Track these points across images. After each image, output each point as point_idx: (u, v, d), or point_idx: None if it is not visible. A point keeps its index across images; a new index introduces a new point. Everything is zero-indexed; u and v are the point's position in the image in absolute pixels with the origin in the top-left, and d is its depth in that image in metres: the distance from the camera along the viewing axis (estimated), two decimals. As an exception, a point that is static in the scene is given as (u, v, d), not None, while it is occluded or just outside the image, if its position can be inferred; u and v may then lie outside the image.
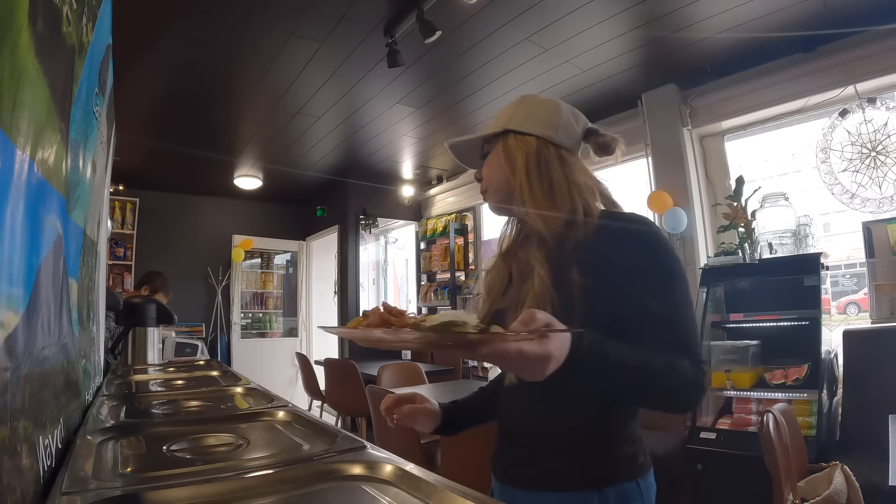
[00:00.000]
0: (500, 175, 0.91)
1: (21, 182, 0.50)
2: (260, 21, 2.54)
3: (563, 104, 0.94)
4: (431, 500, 0.61)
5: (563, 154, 0.89)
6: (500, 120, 0.93)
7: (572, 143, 0.92)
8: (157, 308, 2.27)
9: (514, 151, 0.89)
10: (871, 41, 2.53)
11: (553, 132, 0.89)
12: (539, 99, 0.94)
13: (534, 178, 0.86)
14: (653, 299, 0.76)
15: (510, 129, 0.90)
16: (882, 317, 2.40)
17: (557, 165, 0.88)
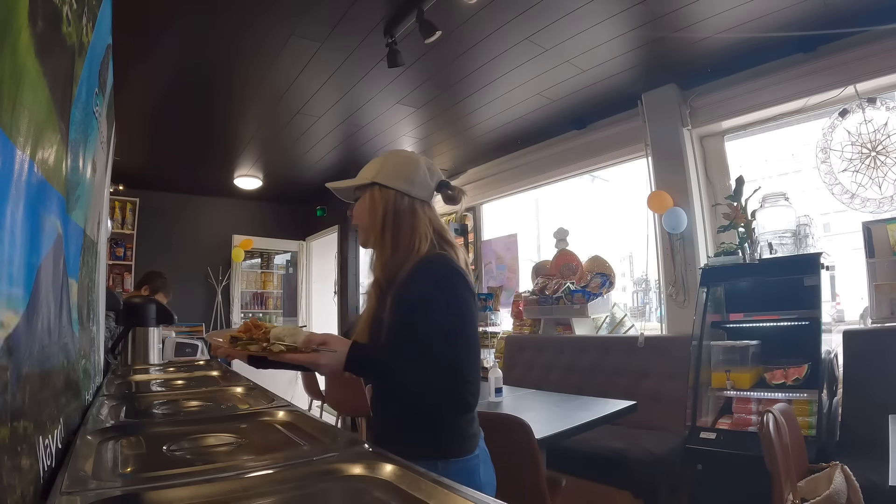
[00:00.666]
0: (366, 218, 1.14)
1: (21, 182, 0.50)
2: (260, 21, 2.54)
3: (423, 160, 1.17)
4: (431, 500, 0.61)
5: (416, 206, 1.13)
6: (369, 171, 1.15)
7: (426, 195, 1.16)
8: (157, 308, 2.27)
9: (378, 202, 1.12)
10: (871, 41, 2.53)
11: (410, 187, 1.13)
12: (402, 156, 1.18)
13: (387, 229, 1.11)
14: (427, 325, 1.01)
15: (377, 182, 1.13)
16: (882, 317, 2.40)
17: (409, 217, 1.12)
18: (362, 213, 1.15)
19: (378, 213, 1.11)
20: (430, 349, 1.00)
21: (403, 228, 1.11)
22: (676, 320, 3.22)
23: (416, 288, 1.04)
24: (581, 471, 2.56)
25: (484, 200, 5.07)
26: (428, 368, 0.99)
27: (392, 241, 1.11)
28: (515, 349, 3.96)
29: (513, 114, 3.75)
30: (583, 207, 4.52)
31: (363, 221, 1.15)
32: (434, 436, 1.05)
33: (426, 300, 1.02)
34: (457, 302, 1.03)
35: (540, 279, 4.04)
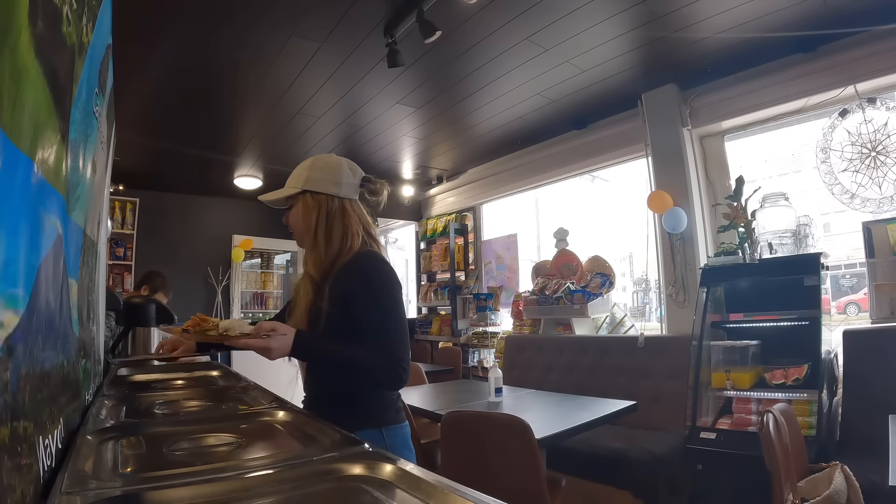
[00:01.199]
0: (300, 223, 1.25)
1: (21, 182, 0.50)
2: (260, 21, 2.54)
3: (344, 161, 1.27)
4: (431, 500, 0.61)
5: (346, 205, 1.24)
6: (298, 180, 1.25)
7: (352, 192, 1.27)
8: (157, 308, 2.27)
9: (311, 208, 1.23)
10: (871, 41, 2.53)
11: (338, 189, 1.24)
12: (325, 161, 1.26)
13: (321, 230, 1.22)
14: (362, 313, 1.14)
15: (307, 190, 1.24)
16: (882, 317, 2.40)
17: (340, 217, 1.23)
18: (297, 220, 1.27)
19: (311, 217, 1.23)
20: (366, 334, 1.14)
21: (335, 228, 1.22)
22: (676, 320, 3.22)
23: (354, 280, 1.17)
24: (581, 471, 2.56)
25: (484, 200, 5.07)
26: (366, 351, 1.13)
27: (325, 240, 1.22)
28: (515, 349, 3.96)
29: (513, 114, 3.75)
30: (583, 207, 4.52)
31: (298, 227, 1.27)
32: (374, 408, 1.19)
33: (362, 291, 1.16)
34: (388, 291, 1.18)
35: (540, 279, 4.04)
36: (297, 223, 1.26)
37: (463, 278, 5.07)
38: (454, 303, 4.92)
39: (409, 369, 1.16)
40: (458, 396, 2.66)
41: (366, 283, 1.17)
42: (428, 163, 4.98)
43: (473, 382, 3.62)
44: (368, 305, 1.15)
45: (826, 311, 2.45)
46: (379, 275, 1.19)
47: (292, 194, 1.26)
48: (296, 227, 1.27)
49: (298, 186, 1.24)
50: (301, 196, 1.25)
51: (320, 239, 1.22)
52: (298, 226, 1.26)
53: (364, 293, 1.15)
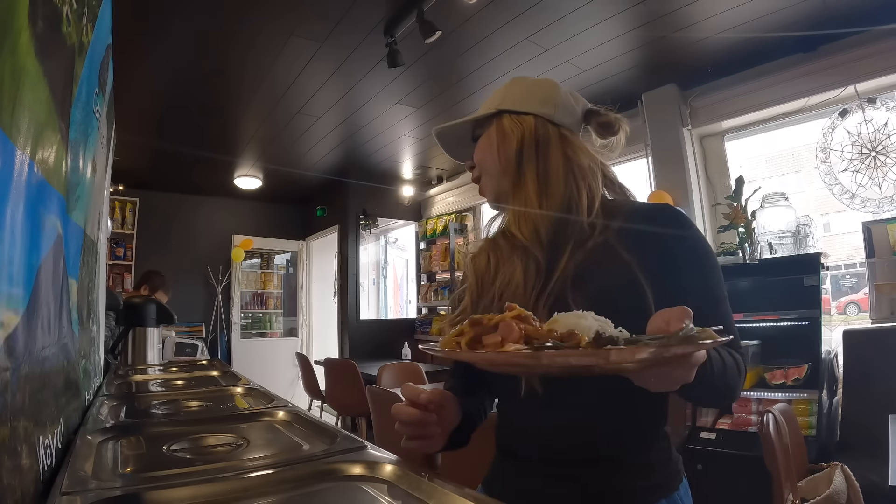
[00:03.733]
0: (492, 160, 0.82)
1: (21, 182, 0.50)
2: (260, 21, 2.54)
3: (561, 85, 0.85)
4: (431, 500, 0.61)
5: (565, 133, 0.81)
6: (492, 102, 0.85)
7: (572, 124, 0.83)
8: (157, 308, 2.27)
9: (510, 132, 0.80)
10: (871, 41, 2.53)
11: (551, 110, 0.81)
12: (535, 79, 0.86)
13: (528, 165, 0.79)
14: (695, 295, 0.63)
15: (504, 109, 0.82)
16: (882, 317, 2.40)
17: (558, 145, 0.79)
18: (487, 155, 0.83)
19: (513, 143, 0.80)
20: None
21: (553, 160, 0.78)
22: (676, 320, 3.21)
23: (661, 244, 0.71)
24: (581, 471, 2.56)
25: (484, 200, 5.04)
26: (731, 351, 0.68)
27: (540, 181, 0.78)
28: (515, 349, 3.95)
29: (513, 114, 3.74)
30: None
31: (490, 164, 0.83)
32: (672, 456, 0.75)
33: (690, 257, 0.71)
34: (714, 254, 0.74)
35: (540, 279, 4.03)
36: (487, 160, 0.83)
37: (463, 278, 5.06)
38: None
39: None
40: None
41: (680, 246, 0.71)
42: (428, 163, 4.98)
43: (473, 382, 3.61)
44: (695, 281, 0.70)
45: (826, 311, 2.46)
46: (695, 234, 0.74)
47: (484, 116, 0.84)
48: (485, 165, 0.84)
49: (493, 107, 0.84)
50: (495, 120, 0.83)
51: (528, 179, 0.78)
52: (490, 162, 0.83)
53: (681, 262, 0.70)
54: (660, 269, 0.69)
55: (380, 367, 3.51)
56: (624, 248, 0.71)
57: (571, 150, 0.79)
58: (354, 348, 5.12)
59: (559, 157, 0.79)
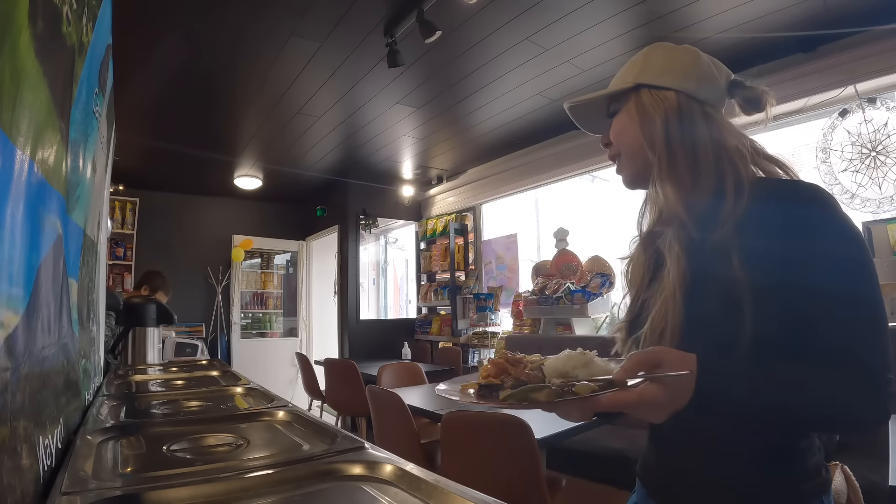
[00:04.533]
0: (633, 138, 0.77)
1: (21, 182, 0.50)
2: (260, 21, 2.54)
3: (702, 53, 0.78)
4: (431, 500, 0.61)
5: (709, 111, 0.75)
6: (628, 73, 0.79)
7: (716, 99, 0.76)
8: (157, 308, 2.27)
9: (651, 110, 0.75)
10: (871, 41, 2.53)
11: (694, 85, 0.75)
12: (673, 47, 0.79)
13: (675, 144, 0.73)
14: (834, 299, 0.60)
15: (643, 84, 0.77)
16: (882, 317, 2.40)
17: (703, 125, 0.73)
18: (626, 133, 0.79)
19: (656, 122, 0.74)
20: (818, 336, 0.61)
21: (700, 140, 0.73)
22: (676, 320, 3.21)
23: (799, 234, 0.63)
24: (581, 471, 2.56)
25: (484, 200, 5.07)
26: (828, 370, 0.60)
27: (689, 161, 0.72)
28: (515, 349, 3.95)
29: (513, 114, 3.75)
30: (583, 207, 4.52)
31: (630, 144, 0.78)
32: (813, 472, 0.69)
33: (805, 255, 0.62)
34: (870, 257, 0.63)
35: (540, 279, 4.04)
36: (626, 138, 0.79)
37: (463, 278, 5.07)
38: (454, 303, 4.92)
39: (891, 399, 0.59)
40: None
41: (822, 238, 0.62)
42: (428, 163, 4.99)
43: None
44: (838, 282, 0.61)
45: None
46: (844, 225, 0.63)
47: (620, 91, 0.79)
48: (624, 144, 0.79)
49: (630, 80, 0.78)
50: (633, 94, 0.78)
51: (678, 159, 0.73)
52: (628, 141, 0.78)
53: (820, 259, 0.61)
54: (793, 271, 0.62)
55: (380, 367, 3.51)
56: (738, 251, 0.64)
57: (717, 130, 0.74)
58: (354, 348, 5.12)
59: (707, 137, 0.73)
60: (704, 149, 0.73)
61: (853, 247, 0.62)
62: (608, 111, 0.83)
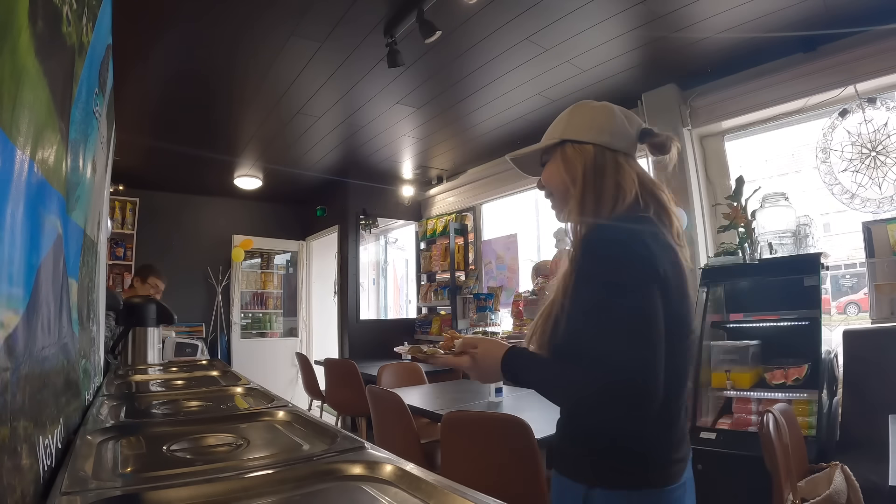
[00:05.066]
0: (559, 182, 0.97)
1: (21, 182, 0.50)
2: (260, 21, 2.54)
3: (617, 108, 0.98)
4: (431, 500, 0.61)
5: (619, 159, 0.94)
6: (556, 130, 0.98)
7: (628, 147, 0.96)
8: (157, 308, 2.27)
9: (573, 160, 0.94)
10: (871, 41, 2.53)
11: (608, 138, 0.94)
12: (592, 105, 0.99)
13: (588, 189, 0.91)
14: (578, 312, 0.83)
15: (567, 139, 0.96)
16: (882, 317, 2.40)
17: (612, 172, 0.92)
18: (553, 178, 0.98)
19: (577, 171, 0.93)
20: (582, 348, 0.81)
21: (607, 185, 0.90)
22: (676, 320, 3.21)
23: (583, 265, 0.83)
24: (581, 471, 2.56)
25: (484, 200, 5.07)
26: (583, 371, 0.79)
27: (595, 203, 0.90)
28: (515, 349, 3.95)
29: (513, 114, 3.75)
30: (583, 207, 4.51)
31: (557, 185, 0.97)
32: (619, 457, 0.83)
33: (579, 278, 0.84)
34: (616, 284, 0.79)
35: (540, 279, 4.04)
36: (554, 181, 0.97)
37: (463, 278, 5.07)
38: (454, 303, 4.92)
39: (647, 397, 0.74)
40: (458, 396, 2.66)
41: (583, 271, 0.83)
42: (428, 163, 4.99)
43: (474, 382, 3.62)
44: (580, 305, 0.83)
45: (826, 311, 2.45)
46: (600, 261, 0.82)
47: (549, 146, 0.98)
48: (553, 186, 0.98)
49: (557, 136, 0.97)
50: (559, 148, 0.96)
51: (587, 202, 0.90)
52: (557, 184, 0.97)
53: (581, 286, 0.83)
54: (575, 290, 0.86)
55: (380, 367, 3.51)
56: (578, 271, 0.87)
57: (621, 177, 0.92)
58: (354, 348, 5.12)
59: (612, 183, 0.91)
60: (608, 190, 0.91)
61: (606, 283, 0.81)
62: (541, 160, 1.02)
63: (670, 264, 0.83)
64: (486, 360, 0.92)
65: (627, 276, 0.79)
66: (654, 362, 0.76)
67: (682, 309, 0.85)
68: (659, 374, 0.75)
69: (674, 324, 0.81)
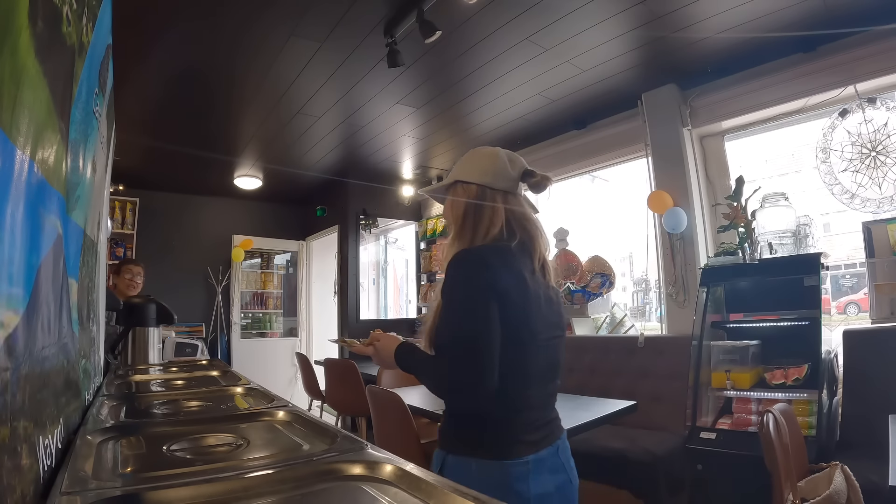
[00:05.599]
0: (450, 214, 1.19)
1: (21, 182, 0.50)
2: (260, 21, 2.54)
3: (502, 153, 1.17)
4: (431, 500, 0.61)
5: (497, 197, 1.13)
6: (453, 172, 1.21)
7: (509, 186, 1.15)
8: (157, 308, 2.27)
9: (462, 196, 1.16)
10: (871, 41, 2.53)
11: (490, 179, 1.14)
12: (481, 152, 1.19)
13: (468, 221, 1.13)
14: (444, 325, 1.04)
15: (459, 180, 1.17)
16: (882, 317, 2.40)
17: (489, 208, 1.12)
18: (447, 210, 1.21)
19: (460, 207, 1.15)
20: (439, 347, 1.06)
21: (482, 221, 1.12)
22: (676, 320, 3.22)
23: (444, 283, 1.06)
24: (581, 471, 2.55)
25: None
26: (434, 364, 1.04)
27: (471, 233, 1.12)
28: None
29: (513, 114, 3.75)
30: (583, 207, 4.52)
31: (448, 217, 1.21)
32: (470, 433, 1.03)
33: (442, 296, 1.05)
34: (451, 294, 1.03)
35: (540, 279, 4.04)
36: (447, 214, 1.21)
37: (463, 278, 5.06)
38: (454, 303, 4.91)
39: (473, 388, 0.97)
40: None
41: (442, 287, 1.06)
42: (428, 163, 4.98)
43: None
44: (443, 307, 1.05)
45: (826, 311, 2.45)
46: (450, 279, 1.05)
47: (447, 185, 1.20)
48: (446, 218, 1.22)
49: (452, 178, 1.19)
50: (453, 187, 1.18)
51: (465, 232, 1.13)
52: (448, 216, 1.20)
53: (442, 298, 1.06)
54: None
55: (380, 367, 3.51)
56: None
57: (494, 213, 1.12)
58: (354, 348, 5.11)
59: (486, 218, 1.12)
60: (482, 223, 1.12)
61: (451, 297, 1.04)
62: (444, 196, 1.23)
63: (515, 282, 1.02)
64: (384, 352, 1.14)
65: (468, 290, 1.01)
66: (482, 362, 0.97)
67: (524, 318, 1.02)
68: (477, 370, 0.96)
69: (512, 331, 1.00)
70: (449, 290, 1.04)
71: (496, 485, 0.98)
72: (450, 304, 1.03)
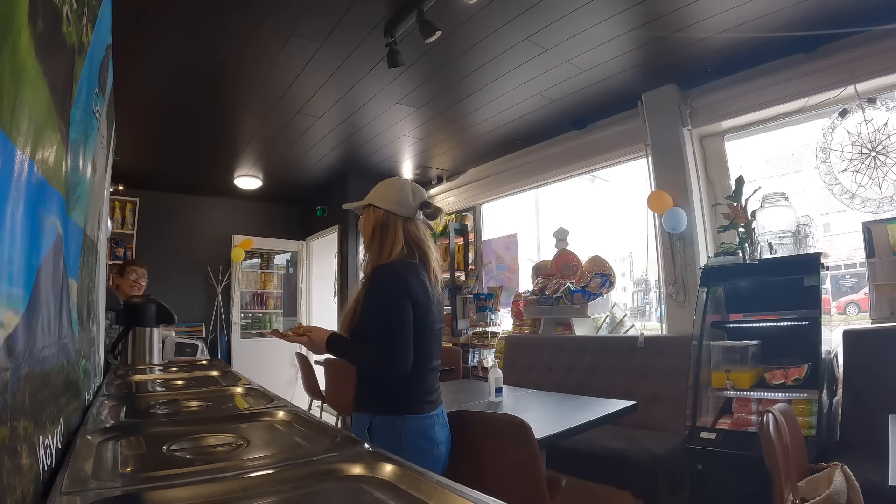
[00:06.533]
0: (363, 231, 1.51)
1: (21, 182, 0.50)
2: (260, 21, 2.54)
3: (408, 185, 1.50)
4: (431, 500, 0.61)
5: (398, 222, 1.46)
6: (368, 197, 1.51)
7: (410, 213, 1.47)
8: (157, 308, 2.27)
9: (371, 218, 1.48)
10: (871, 41, 2.53)
11: (394, 206, 1.46)
12: (391, 183, 1.51)
13: (375, 239, 1.46)
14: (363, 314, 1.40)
15: (370, 203, 1.49)
16: (882, 317, 2.40)
17: (392, 231, 1.45)
18: (361, 227, 1.52)
19: (370, 226, 1.47)
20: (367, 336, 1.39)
21: (386, 240, 1.44)
22: (676, 320, 3.22)
23: (369, 289, 1.41)
24: (581, 471, 2.56)
25: (484, 200, 5.07)
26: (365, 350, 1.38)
27: (377, 248, 1.45)
28: (515, 349, 3.95)
29: (513, 114, 3.75)
30: (583, 207, 4.52)
31: (362, 231, 1.52)
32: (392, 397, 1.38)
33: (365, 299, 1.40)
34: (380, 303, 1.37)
35: (540, 279, 4.04)
36: (362, 230, 1.52)
37: (463, 278, 5.07)
38: (454, 303, 4.92)
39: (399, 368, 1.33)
40: (458, 396, 2.65)
41: (368, 292, 1.40)
42: (428, 163, 4.98)
43: (473, 382, 3.62)
44: (365, 311, 1.39)
45: (826, 311, 2.45)
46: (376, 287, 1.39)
47: (362, 205, 1.52)
48: (362, 233, 1.53)
49: (367, 200, 1.50)
50: (367, 208, 1.50)
51: (373, 246, 1.46)
52: (362, 232, 1.52)
53: (366, 301, 1.39)
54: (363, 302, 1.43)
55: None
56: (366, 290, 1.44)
57: (395, 234, 1.45)
58: (354, 348, 5.11)
59: (389, 239, 1.45)
60: (387, 242, 1.45)
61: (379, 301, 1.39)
62: (361, 213, 1.54)
63: (422, 290, 1.40)
64: (317, 341, 1.44)
65: (391, 295, 1.36)
66: (398, 347, 1.34)
67: (427, 315, 1.41)
68: (402, 354, 1.34)
69: (420, 323, 1.39)
70: (375, 295, 1.38)
71: (418, 432, 1.36)
72: (377, 306, 1.36)
